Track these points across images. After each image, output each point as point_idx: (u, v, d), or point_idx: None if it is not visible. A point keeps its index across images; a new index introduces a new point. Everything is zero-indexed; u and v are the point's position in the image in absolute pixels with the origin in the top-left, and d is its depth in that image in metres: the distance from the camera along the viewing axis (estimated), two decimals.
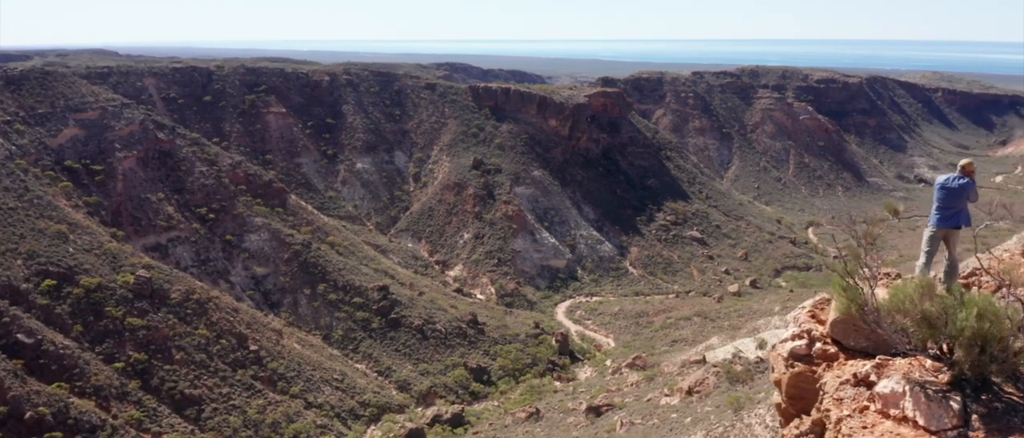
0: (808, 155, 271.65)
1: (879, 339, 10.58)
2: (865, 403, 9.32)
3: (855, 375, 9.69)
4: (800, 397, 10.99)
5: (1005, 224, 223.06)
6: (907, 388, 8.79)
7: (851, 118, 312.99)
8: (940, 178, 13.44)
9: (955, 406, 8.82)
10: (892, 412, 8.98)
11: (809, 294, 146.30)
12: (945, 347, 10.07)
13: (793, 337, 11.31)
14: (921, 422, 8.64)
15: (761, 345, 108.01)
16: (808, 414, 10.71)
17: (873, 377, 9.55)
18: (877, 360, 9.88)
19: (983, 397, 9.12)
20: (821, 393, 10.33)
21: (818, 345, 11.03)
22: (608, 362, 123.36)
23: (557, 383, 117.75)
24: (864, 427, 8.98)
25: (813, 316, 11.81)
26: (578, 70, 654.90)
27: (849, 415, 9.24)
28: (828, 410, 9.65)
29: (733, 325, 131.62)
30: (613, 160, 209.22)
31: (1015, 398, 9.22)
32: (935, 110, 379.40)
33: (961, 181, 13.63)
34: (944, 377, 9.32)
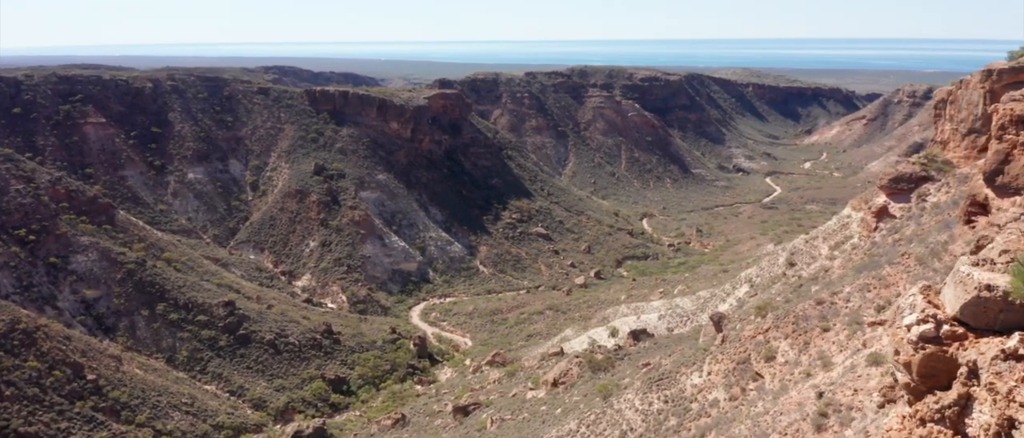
0: (638, 150, 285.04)
1: (1008, 318, 11.56)
2: (1022, 374, 10.21)
3: (1003, 351, 10.59)
4: (931, 375, 11.82)
5: (816, 206, 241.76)
6: None
7: (674, 114, 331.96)
8: None
9: None
10: None
11: (651, 282, 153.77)
12: None
13: (919, 321, 12.09)
14: None
15: (613, 333, 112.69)
16: (942, 390, 11.55)
17: (1022, 350, 10.48)
18: (1018, 336, 10.80)
19: None
20: (963, 369, 11.17)
21: (946, 327, 11.88)
22: (468, 361, 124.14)
23: (419, 387, 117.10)
24: None
25: (929, 302, 12.65)
26: (411, 72, 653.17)
27: (1015, 385, 10.11)
28: (991, 383, 10.49)
29: (584, 316, 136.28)
30: (456, 161, 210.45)
31: None
32: (747, 104, 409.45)
33: None
34: None
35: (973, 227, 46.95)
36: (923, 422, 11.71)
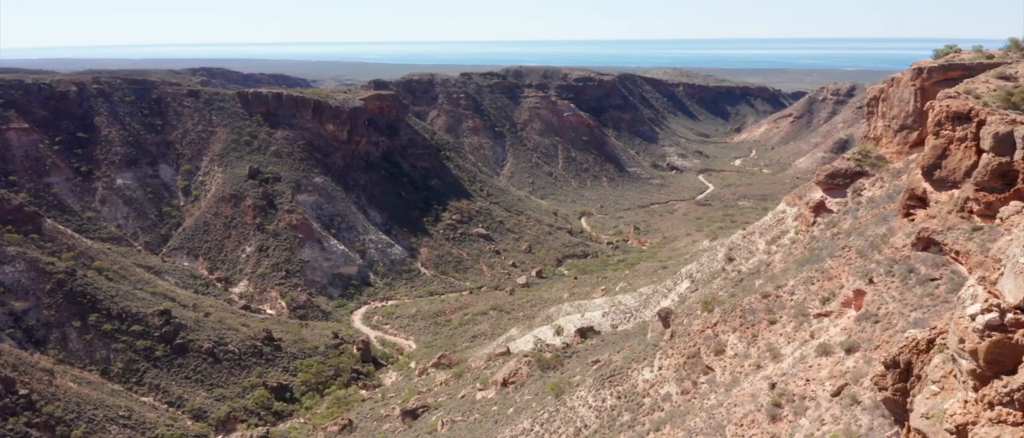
0: (574, 150, 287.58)
1: None
2: None
3: None
4: (997, 361, 12.25)
5: (747, 202, 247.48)
6: None
7: (608, 113, 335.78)
8: None
9: None
10: None
11: (593, 280, 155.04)
12: None
13: (983, 311, 12.51)
14: None
15: (558, 331, 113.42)
16: (1007, 374, 11.99)
17: None
18: None
19: None
20: None
21: (1010, 315, 12.33)
22: (413, 364, 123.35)
23: (364, 391, 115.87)
24: None
25: (989, 291, 13.08)
26: (342, 73, 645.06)
27: None
28: None
29: (528, 315, 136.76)
30: (395, 163, 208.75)
31: None
32: (679, 103, 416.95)
33: None
34: None
35: (912, 220, 48.88)
36: (991, 405, 12.24)
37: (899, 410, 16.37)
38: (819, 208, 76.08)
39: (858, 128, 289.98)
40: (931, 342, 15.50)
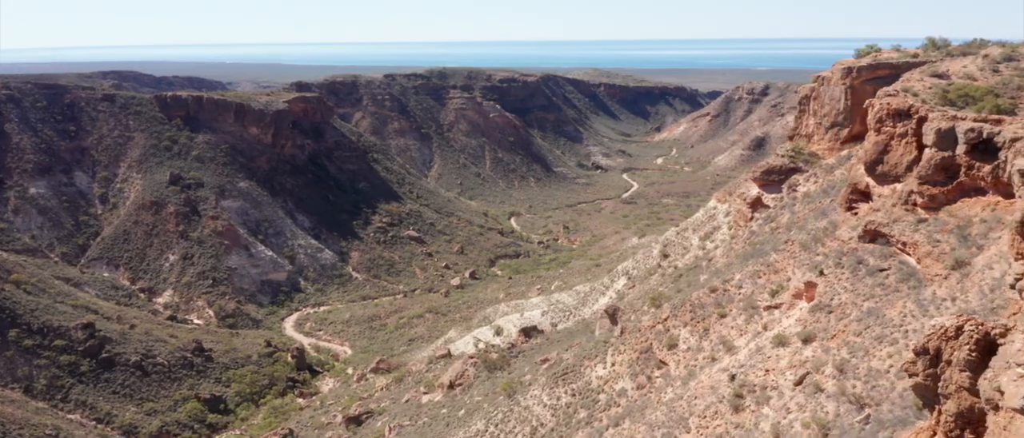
0: (501, 150, 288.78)
1: None
2: None
3: None
4: None
5: (671, 200, 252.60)
6: None
7: (533, 114, 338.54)
8: None
9: None
10: None
11: (527, 279, 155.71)
12: None
13: None
14: None
15: (498, 332, 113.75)
16: None
17: None
18: None
19: None
20: None
21: None
22: (350, 370, 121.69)
23: (301, 400, 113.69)
24: None
25: None
26: (261, 75, 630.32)
27: None
28: None
29: (465, 316, 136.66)
30: (321, 166, 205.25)
31: None
32: (600, 103, 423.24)
33: None
34: None
35: (855, 213, 50.97)
36: None
37: (930, 394, 17.28)
38: (756, 204, 78.47)
39: (774, 126, 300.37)
40: (959, 329, 16.45)
